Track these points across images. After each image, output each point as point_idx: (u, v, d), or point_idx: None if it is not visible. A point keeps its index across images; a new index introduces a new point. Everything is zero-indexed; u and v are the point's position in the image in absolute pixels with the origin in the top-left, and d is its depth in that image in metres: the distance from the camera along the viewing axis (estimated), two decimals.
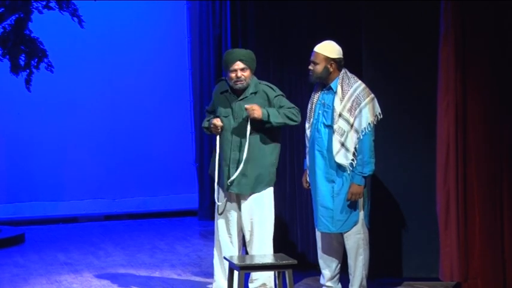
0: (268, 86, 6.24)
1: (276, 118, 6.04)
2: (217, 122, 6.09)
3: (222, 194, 6.23)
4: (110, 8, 11.15)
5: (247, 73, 6.16)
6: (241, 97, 6.17)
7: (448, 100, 5.83)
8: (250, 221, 6.14)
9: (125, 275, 7.43)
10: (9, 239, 9.29)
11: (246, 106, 6.01)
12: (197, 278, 7.21)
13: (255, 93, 6.19)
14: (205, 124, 6.28)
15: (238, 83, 6.15)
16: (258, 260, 5.50)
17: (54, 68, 9.66)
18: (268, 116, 6.01)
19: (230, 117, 6.14)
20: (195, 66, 11.03)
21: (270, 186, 6.17)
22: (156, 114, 11.65)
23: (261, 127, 6.10)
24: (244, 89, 6.18)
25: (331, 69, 6.08)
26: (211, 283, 6.86)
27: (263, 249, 6.15)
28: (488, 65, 5.79)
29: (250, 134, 6.08)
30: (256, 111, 5.98)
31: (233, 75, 6.15)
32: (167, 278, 7.26)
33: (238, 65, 6.14)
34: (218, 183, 6.21)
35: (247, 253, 6.43)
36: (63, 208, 11.35)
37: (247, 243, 6.22)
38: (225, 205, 6.19)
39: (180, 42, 11.51)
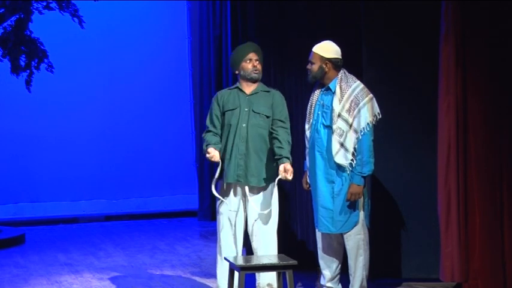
0: (281, 95, 6.25)
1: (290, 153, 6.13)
2: (212, 152, 6.01)
3: (225, 192, 6.19)
4: (110, 8, 11.16)
5: (260, 66, 6.23)
6: (251, 92, 6.17)
7: (448, 101, 5.83)
8: (258, 217, 6.11)
9: (125, 276, 7.43)
10: (10, 240, 9.29)
11: (285, 177, 5.98)
12: (197, 279, 7.21)
13: (268, 92, 6.20)
14: (204, 149, 6.15)
15: (255, 72, 6.18)
16: (259, 261, 5.50)
17: (55, 69, 9.66)
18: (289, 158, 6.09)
19: (238, 109, 6.14)
20: (195, 67, 11.04)
21: (274, 183, 6.16)
22: (156, 114, 11.67)
23: (261, 122, 6.11)
24: (257, 81, 6.21)
25: (327, 69, 6.07)
26: (211, 283, 6.86)
27: (270, 245, 6.13)
28: (488, 65, 5.79)
29: (253, 127, 6.08)
30: (290, 173, 5.99)
31: (250, 65, 6.18)
32: (167, 279, 7.26)
33: (254, 55, 6.20)
34: (227, 179, 6.13)
35: (249, 251, 6.42)
36: (63, 208, 11.36)
37: (253, 241, 6.18)
38: (230, 204, 6.16)
39: (180, 42, 11.52)
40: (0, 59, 9.55)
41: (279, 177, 5.98)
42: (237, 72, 6.26)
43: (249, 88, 6.20)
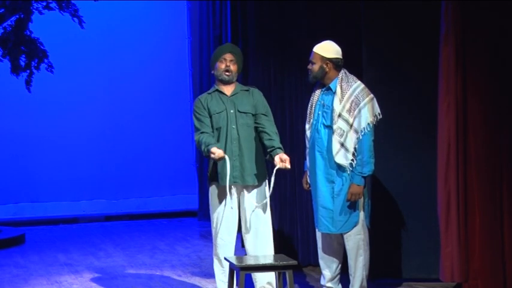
0: (259, 92, 6.24)
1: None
2: (217, 151, 5.91)
3: (221, 194, 6.18)
4: (110, 8, 11.17)
5: (235, 67, 6.17)
6: (232, 93, 6.16)
7: (448, 100, 5.83)
8: (254, 215, 6.10)
9: (125, 276, 7.43)
10: (10, 240, 9.30)
11: (284, 166, 5.94)
12: (197, 279, 7.21)
13: (247, 90, 6.19)
14: (205, 151, 6.03)
15: (226, 73, 6.14)
16: (259, 261, 5.49)
17: (55, 69, 9.67)
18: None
19: (224, 112, 6.12)
20: (195, 67, 11.05)
21: (266, 178, 6.16)
22: (156, 114, 11.67)
23: (249, 121, 6.11)
24: (230, 83, 6.17)
25: (327, 69, 6.07)
26: (211, 283, 6.86)
27: (268, 243, 6.13)
28: (488, 65, 5.79)
29: (243, 127, 6.08)
30: (288, 161, 5.97)
31: (223, 65, 6.14)
32: (167, 279, 7.26)
33: (229, 56, 6.16)
34: (221, 181, 6.12)
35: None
36: (63, 209, 11.37)
37: (248, 240, 6.16)
38: (226, 206, 6.15)
39: (180, 42, 11.53)
40: (0, 59, 9.56)
41: (277, 167, 5.96)
42: (213, 72, 6.25)
43: (228, 89, 6.18)
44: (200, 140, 6.06)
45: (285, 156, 5.96)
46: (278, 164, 5.94)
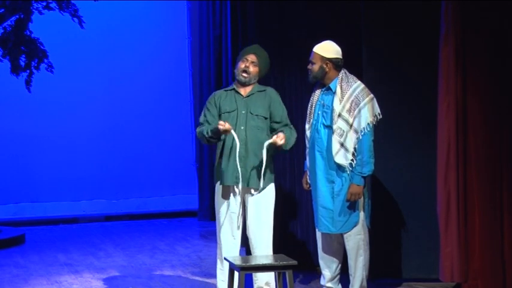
0: (276, 93, 6.22)
1: (289, 145, 6.09)
2: (225, 124, 5.93)
3: (226, 193, 6.17)
4: (110, 8, 11.17)
5: (255, 69, 6.15)
6: (247, 94, 6.15)
7: (448, 101, 5.83)
8: (256, 217, 6.10)
9: (125, 276, 7.43)
10: (10, 240, 9.30)
11: (274, 140, 5.92)
12: (197, 279, 7.21)
13: (264, 91, 6.17)
14: (208, 132, 6.03)
15: (244, 74, 6.12)
16: (259, 261, 5.49)
17: (54, 69, 9.67)
18: (287, 144, 6.04)
19: (235, 112, 6.11)
20: (195, 67, 11.05)
21: (272, 182, 6.15)
22: (156, 114, 11.67)
23: (260, 124, 6.10)
24: (247, 84, 6.16)
25: (327, 69, 6.07)
26: (211, 283, 6.86)
27: (267, 245, 6.13)
28: (488, 65, 5.79)
29: (252, 130, 6.07)
30: (281, 138, 5.95)
31: (243, 65, 6.14)
32: (167, 279, 7.26)
33: (251, 57, 6.15)
34: (225, 181, 6.12)
35: (248, 251, 6.43)
36: (63, 209, 11.36)
37: (251, 241, 6.16)
38: (230, 206, 6.14)
39: (180, 42, 11.53)
40: (0, 59, 9.55)
41: (270, 141, 5.93)
42: (235, 70, 6.26)
43: (244, 90, 6.17)
44: (201, 130, 6.11)
45: (281, 134, 5.94)
46: (272, 139, 5.93)
